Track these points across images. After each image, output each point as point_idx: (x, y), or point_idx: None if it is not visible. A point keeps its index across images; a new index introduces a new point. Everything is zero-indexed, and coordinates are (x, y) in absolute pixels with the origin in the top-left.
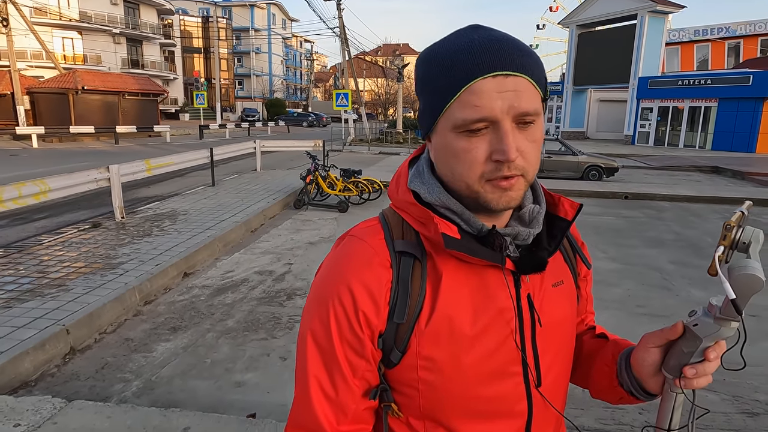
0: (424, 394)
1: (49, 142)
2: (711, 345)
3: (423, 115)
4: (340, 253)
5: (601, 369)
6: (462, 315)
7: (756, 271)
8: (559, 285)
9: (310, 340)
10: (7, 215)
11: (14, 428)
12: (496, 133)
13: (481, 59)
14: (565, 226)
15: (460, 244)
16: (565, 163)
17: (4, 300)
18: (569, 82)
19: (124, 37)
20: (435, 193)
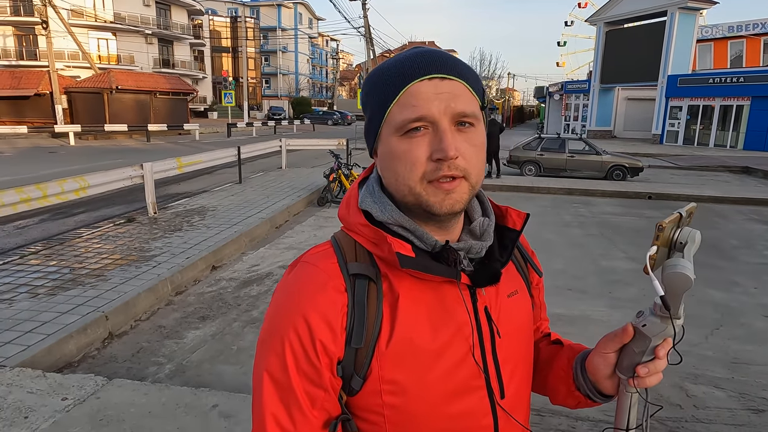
0: (389, 419)
1: (85, 139)
2: (660, 343)
3: (367, 129)
4: (293, 281)
5: (557, 374)
6: (422, 333)
7: (685, 270)
8: (514, 295)
9: (265, 377)
10: (49, 210)
11: (62, 401)
12: (435, 134)
13: (417, 64)
14: (514, 236)
15: (415, 262)
16: (588, 162)
17: (49, 288)
18: (596, 80)
19: (155, 37)
20: (387, 211)
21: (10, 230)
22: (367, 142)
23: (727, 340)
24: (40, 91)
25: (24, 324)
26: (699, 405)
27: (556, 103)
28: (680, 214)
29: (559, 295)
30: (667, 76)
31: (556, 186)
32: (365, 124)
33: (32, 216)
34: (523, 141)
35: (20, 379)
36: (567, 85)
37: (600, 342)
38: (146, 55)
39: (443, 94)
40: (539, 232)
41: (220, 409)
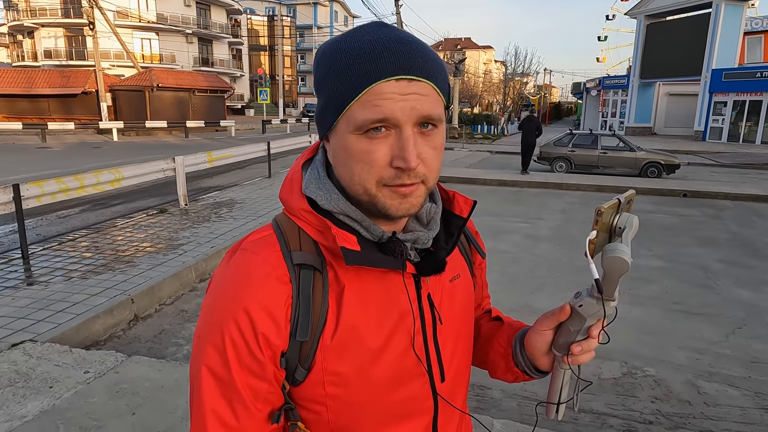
0: (332, 409)
1: (127, 135)
2: (594, 323)
3: (321, 114)
4: (233, 270)
5: (497, 351)
6: (367, 325)
7: (623, 254)
8: (456, 279)
9: (204, 372)
10: (89, 200)
11: (84, 374)
12: (398, 139)
13: (385, 61)
14: (461, 223)
15: (360, 257)
16: (621, 159)
17: (82, 272)
18: (635, 75)
19: (196, 36)
20: (333, 200)
21: (53, 219)
22: (318, 126)
23: (749, 339)
24: (87, 89)
25: (56, 304)
26: (710, 402)
27: (593, 99)
28: (619, 201)
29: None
30: (711, 70)
31: (585, 183)
32: (318, 106)
33: (74, 206)
34: (554, 137)
35: (49, 353)
36: (605, 80)
37: (538, 320)
38: (187, 54)
39: (410, 95)
40: (565, 228)
41: None
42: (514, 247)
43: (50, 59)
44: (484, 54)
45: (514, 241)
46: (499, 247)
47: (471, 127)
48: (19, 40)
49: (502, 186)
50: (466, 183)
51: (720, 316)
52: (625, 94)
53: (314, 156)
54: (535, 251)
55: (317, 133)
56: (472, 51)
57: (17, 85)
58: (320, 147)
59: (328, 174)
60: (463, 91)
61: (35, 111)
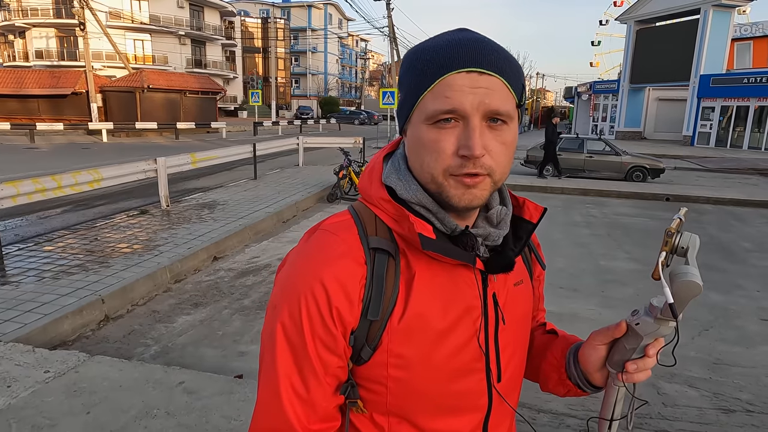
0: (392, 391)
1: (117, 136)
2: (651, 342)
3: (399, 108)
4: (312, 247)
5: (551, 363)
6: (433, 312)
7: (695, 278)
8: (520, 284)
9: (280, 337)
10: (72, 201)
11: (44, 374)
12: (465, 129)
13: (457, 55)
14: (530, 228)
15: (435, 244)
16: (606, 163)
17: (54, 273)
18: (625, 79)
19: (189, 38)
20: (412, 190)
21: (33, 220)
22: (398, 119)
23: (714, 342)
24: (77, 89)
25: (25, 304)
26: (668, 403)
27: (584, 103)
28: (680, 219)
29: (552, 293)
30: (699, 75)
31: (570, 186)
32: (400, 100)
33: (55, 207)
34: (541, 141)
35: (11, 352)
36: (596, 85)
37: (592, 334)
38: (179, 56)
39: (479, 89)
40: (546, 230)
41: (186, 385)
42: None
43: (41, 59)
44: None
45: None
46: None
47: None
48: (11, 40)
49: None
50: None
51: (688, 318)
52: (615, 99)
53: (396, 150)
54: None
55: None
56: None
57: (7, 85)
58: (401, 142)
59: (407, 167)
60: None
61: (25, 111)
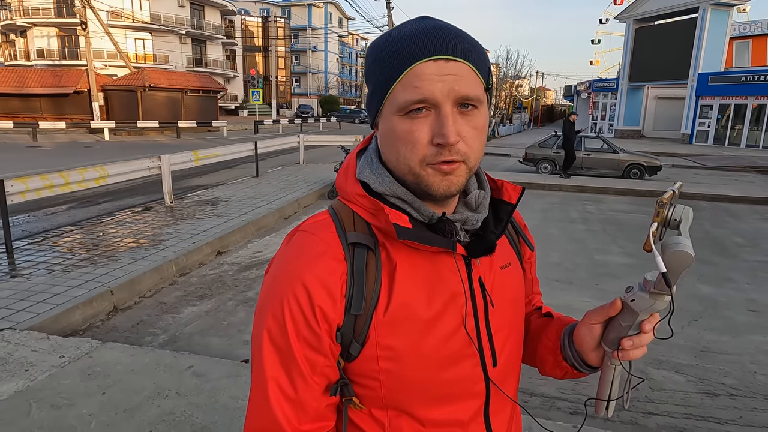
0: (385, 384)
1: (119, 135)
2: (646, 318)
3: (370, 101)
4: (292, 249)
5: (546, 345)
6: (418, 301)
7: (687, 248)
8: (507, 267)
9: (266, 341)
10: (77, 198)
11: (60, 359)
12: (437, 117)
13: (423, 44)
14: (510, 209)
15: (411, 233)
16: (604, 161)
17: (64, 266)
18: (624, 78)
19: (189, 37)
20: (385, 182)
21: (39, 216)
22: (368, 113)
23: (703, 331)
24: (79, 88)
25: (37, 295)
26: (655, 387)
27: (583, 102)
28: (673, 192)
29: (547, 286)
30: (698, 74)
31: (568, 183)
32: (368, 95)
33: (61, 204)
34: (539, 139)
35: (27, 339)
36: (595, 83)
37: (587, 314)
38: (180, 55)
39: (447, 76)
40: (542, 227)
41: (195, 369)
42: None
43: (43, 59)
44: None
45: None
46: None
47: None
48: (12, 39)
49: None
50: None
51: (679, 309)
52: (614, 97)
53: (368, 145)
54: None
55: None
56: None
57: (9, 84)
58: (374, 137)
59: (380, 159)
60: None
61: (27, 110)
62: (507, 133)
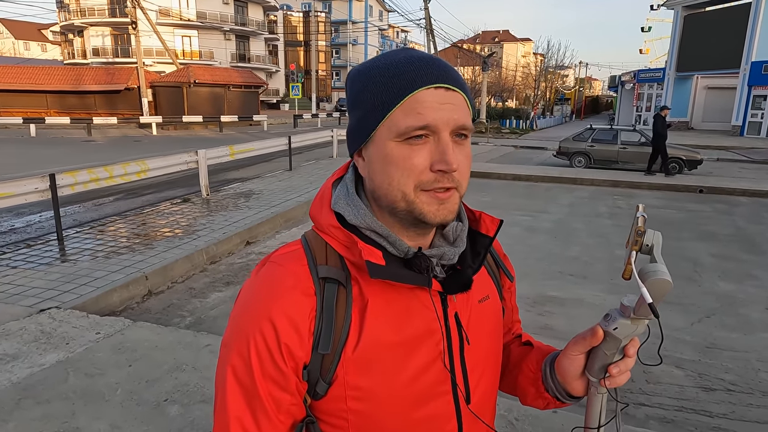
0: (353, 424)
1: (166, 129)
2: (627, 343)
3: (356, 128)
4: (261, 281)
5: (527, 376)
6: (389, 340)
7: (666, 275)
8: (485, 300)
9: (230, 379)
10: (123, 190)
11: (96, 335)
12: (437, 144)
13: (425, 71)
14: (487, 242)
15: (385, 271)
16: (641, 154)
17: (106, 252)
18: (671, 68)
19: (233, 33)
20: (360, 215)
21: (89, 207)
22: (350, 140)
23: (713, 327)
24: (130, 85)
25: (81, 279)
26: (651, 380)
27: (627, 93)
28: (644, 217)
29: (560, 279)
30: (751, 62)
31: (600, 177)
32: (353, 121)
33: (109, 195)
34: (574, 132)
35: (69, 317)
36: (640, 73)
37: (568, 345)
38: (225, 51)
39: (447, 104)
40: (566, 221)
41: (212, 347)
42: (509, 239)
43: (98, 57)
44: (522, 47)
45: (510, 233)
46: None
47: (499, 122)
48: (71, 38)
49: (516, 180)
50: (480, 177)
51: (693, 305)
52: (660, 88)
53: (344, 174)
54: (530, 242)
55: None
56: (509, 44)
57: (67, 82)
58: (350, 166)
59: (357, 191)
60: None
61: (83, 106)
62: (546, 126)
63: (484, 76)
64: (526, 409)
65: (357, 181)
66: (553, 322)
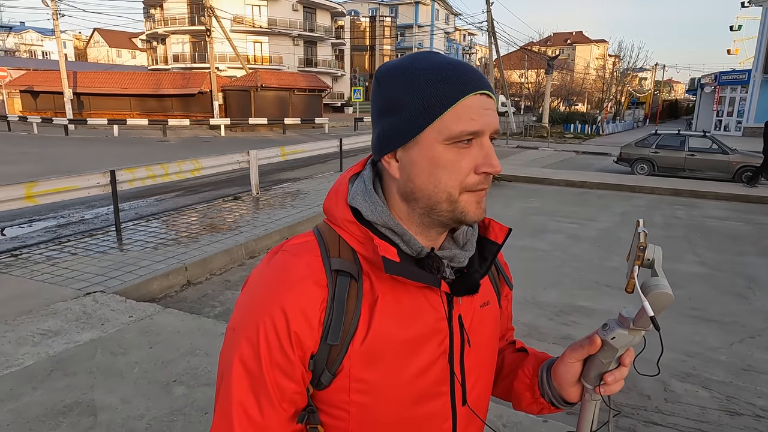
0: (354, 417)
1: (233, 131)
2: (624, 353)
3: (397, 129)
4: (273, 270)
5: (523, 382)
6: (397, 336)
7: (668, 289)
8: (486, 305)
9: (237, 364)
10: (184, 187)
11: (128, 318)
12: (480, 148)
13: (470, 77)
14: (495, 249)
15: (399, 268)
16: (711, 162)
17: (154, 244)
18: (758, 69)
19: (301, 39)
20: (377, 212)
21: (151, 201)
22: (385, 141)
23: (755, 349)
24: (203, 89)
25: (128, 267)
26: (671, 399)
27: (707, 96)
28: (645, 232)
29: (594, 290)
30: None
31: (661, 186)
32: (391, 122)
33: (170, 192)
34: (636, 138)
35: (109, 301)
36: (721, 75)
37: (566, 352)
38: (293, 56)
39: (489, 110)
40: (613, 231)
41: None
42: (550, 245)
43: (177, 62)
44: (597, 48)
45: (553, 240)
46: (535, 245)
47: (563, 126)
48: (155, 46)
49: (569, 186)
50: (532, 182)
51: (736, 324)
52: (744, 91)
53: (361, 171)
54: (571, 251)
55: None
56: (582, 46)
57: (148, 86)
58: (368, 163)
59: (375, 189)
60: (562, 87)
61: (161, 109)
62: (614, 131)
63: (548, 79)
64: (516, 416)
65: (374, 178)
66: (575, 333)
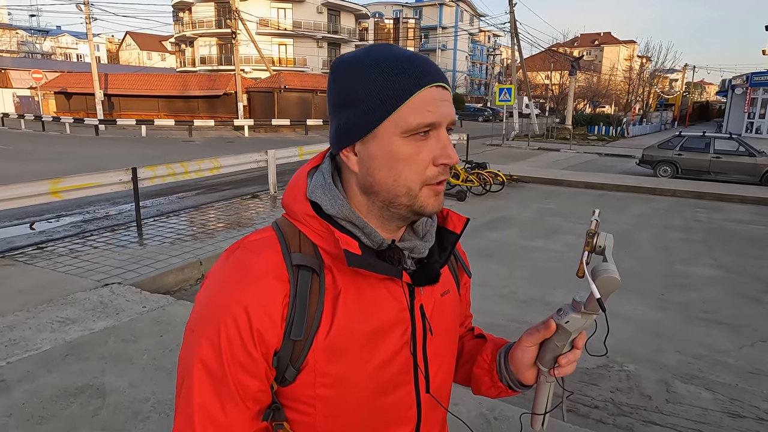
0: (320, 411)
1: (257, 131)
2: (576, 336)
3: (353, 123)
4: (232, 267)
5: (482, 367)
6: (360, 328)
7: (615, 273)
8: (446, 294)
9: (197, 365)
10: (206, 185)
11: (142, 308)
12: (438, 139)
13: (426, 69)
14: (454, 239)
15: (361, 260)
16: (737, 165)
17: (172, 239)
18: None
19: (325, 41)
20: (337, 205)
21: (173, 199)
22: (342, 135)
23: (765, 353)
24: (228, 90)
25: (145, 260)
26: (672, 400)
27: (738, 98)
28: (597, 221)
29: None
30: None
31: (683, 188)
32: (348, 116)
33: (191, 190)
34: (659, 139)
35: (125, 292)
36: (753, 76)
37: (523, 336)
38: (317, 58)
39: (445, 102)
40: (629, 232)
41: None
42: (563, 246)
43: (204, 65)
44: (626, 49)
45: (565, 241)
46: (548, 246)
47: (587, 128)
48: (183, 48)
49: (587, 188)
50: (548, 184)
51: (748, 327)
52: None
53: (320, 164)
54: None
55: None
56: (611, 46)
57: (176, 88)
58: (327, 156)
59: (334, 182)
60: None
61: (187, 110)
62: (640, 133)
63: (571, 80)
64: (507, 410)
65: (332, 171)
66: None
